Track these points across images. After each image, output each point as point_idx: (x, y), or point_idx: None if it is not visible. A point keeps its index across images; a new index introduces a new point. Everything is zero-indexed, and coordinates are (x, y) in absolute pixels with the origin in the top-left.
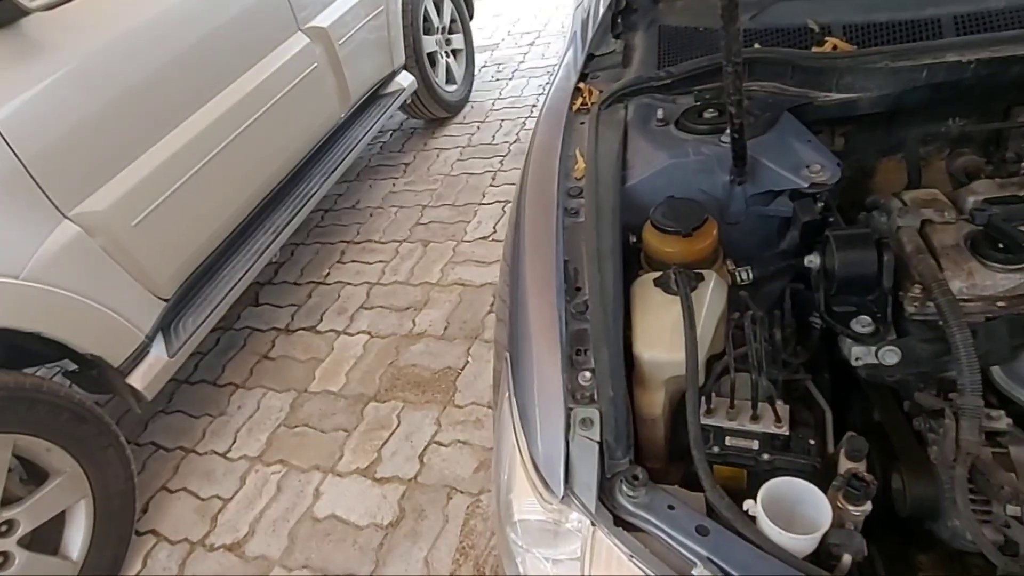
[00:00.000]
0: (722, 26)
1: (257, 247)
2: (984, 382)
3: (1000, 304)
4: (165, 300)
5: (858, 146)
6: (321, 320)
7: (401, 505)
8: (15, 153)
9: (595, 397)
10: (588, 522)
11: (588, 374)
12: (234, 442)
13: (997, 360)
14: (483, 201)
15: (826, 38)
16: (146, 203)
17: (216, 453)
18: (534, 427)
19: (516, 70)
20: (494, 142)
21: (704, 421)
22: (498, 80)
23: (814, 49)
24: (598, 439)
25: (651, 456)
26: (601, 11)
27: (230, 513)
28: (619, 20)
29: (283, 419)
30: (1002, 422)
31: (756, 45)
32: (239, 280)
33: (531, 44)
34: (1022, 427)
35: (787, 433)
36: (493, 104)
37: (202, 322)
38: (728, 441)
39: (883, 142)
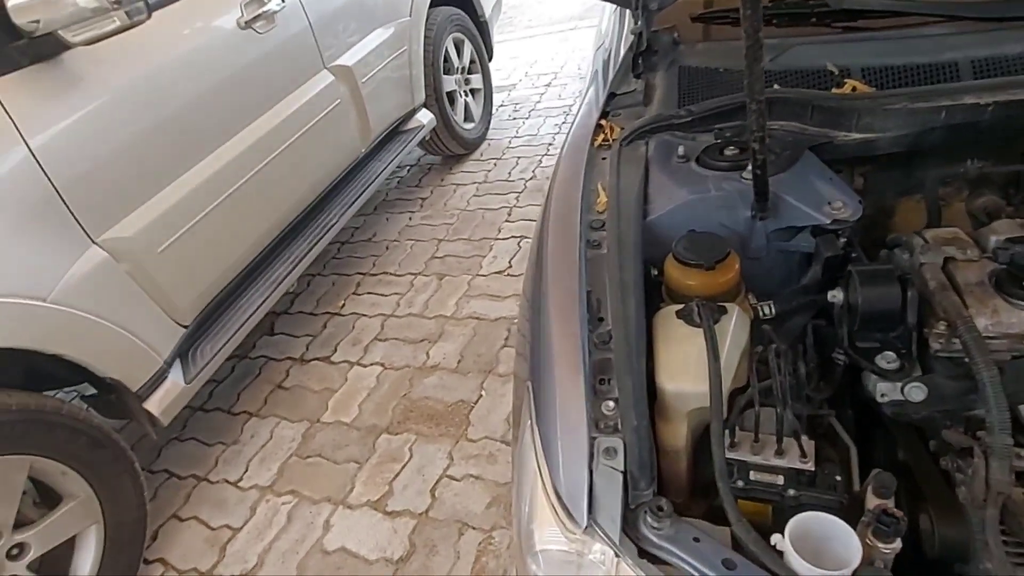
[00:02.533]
0: (746, 65)
1: (275, 277)
2: (1012, 420)
3: None
4: (185, 327)
5: (877, 185)
6: (335, 351)
7: (412, 540)
8: (50, 179)
9: (619, 427)
10: (612, 553)
11: (612, 403)
12: (246, 471)
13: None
14: (499, 236)
15: (845, 80)
16: (172, 231)
17: (228, 482)
18: (556, 456)
19: (533, 110)
20: (510, 179)
21: (728, 455)
22: (515, 119)
23: (834, 91)
24: (622, 469)
25: (673, 489)
26: (623, 52)
27: (239, 543)
28: (640, 61)
29: (295, 449)
30: None
31: (776, 86)
32: (257, 309)
33: (547, 85)
34: None
35: (813, 469)
36: (510, 142)
37: (219, 350)
38: (752, 476)
39: (902, 182)
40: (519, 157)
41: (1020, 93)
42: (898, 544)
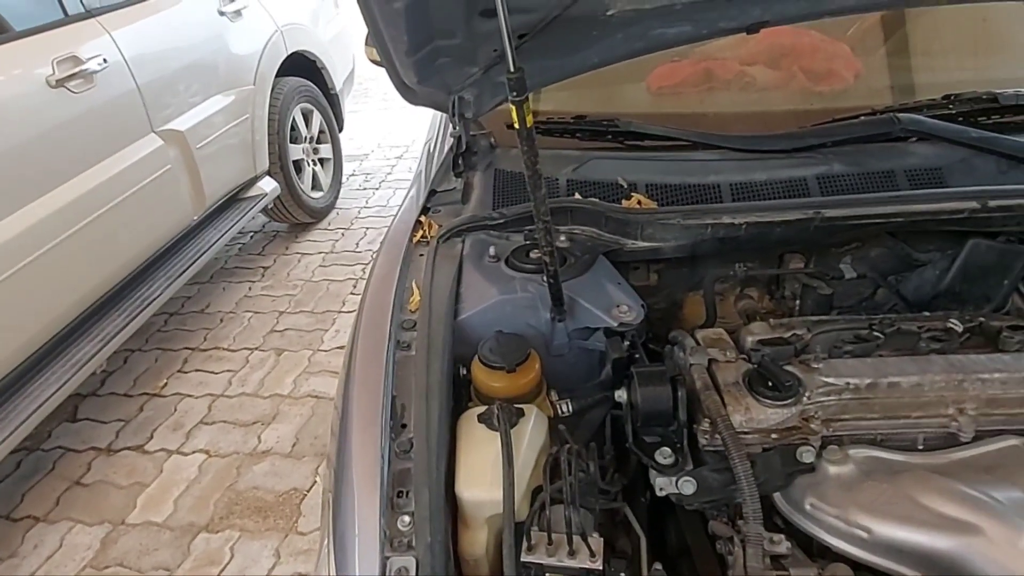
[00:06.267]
0: (530, 192)
1: (79, 357)
2: (771, 507)
3: (773, 436)
4: None
5: (669, 282)
6: (151, 438)
7: None
8: None
9: (413, 544)
10: None
11: (407, 518)
12: None
13: (775, 487)
14: (343, 309)
15: (632, 193)
16: None
17: None
18: None
19: (383, 181)
20: (357, 250)
21: (525, 558)
22: (365, 189)
23: (623, 202)
24: None
25: None
26: (445, 149)
27: None
28: (460, 160)
29: (90, 559)
30: (782, 546)
31: (576, 195)
32: (51, 395)
33: (399, 158)
34: (802, 549)
35: (600, 568)
36: (359, 212)
37: None
38: None
39: (688, 279)
40: (367, 228)
41: (764, 215)
42: None
